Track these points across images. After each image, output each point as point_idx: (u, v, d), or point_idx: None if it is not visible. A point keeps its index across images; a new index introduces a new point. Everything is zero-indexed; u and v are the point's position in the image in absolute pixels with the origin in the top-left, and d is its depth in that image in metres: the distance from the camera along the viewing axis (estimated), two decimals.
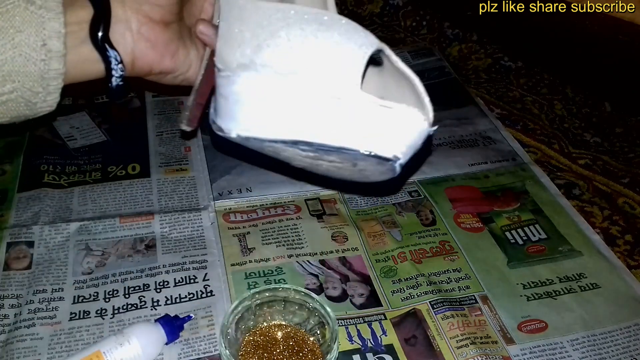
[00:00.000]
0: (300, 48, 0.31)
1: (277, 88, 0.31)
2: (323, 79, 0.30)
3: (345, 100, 0.29)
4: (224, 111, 0.34)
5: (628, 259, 0.55)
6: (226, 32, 0.34)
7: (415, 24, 0.89)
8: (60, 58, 0.36)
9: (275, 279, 0.51)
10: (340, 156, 0.31)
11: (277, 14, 0.32)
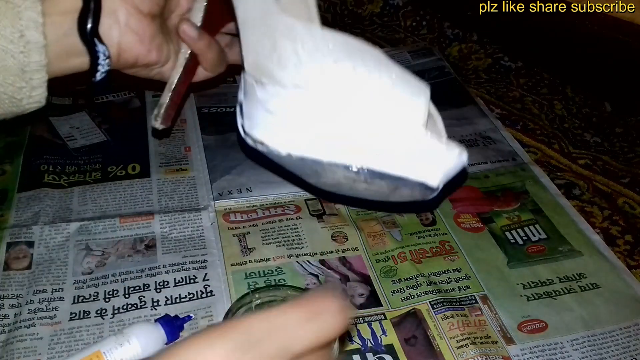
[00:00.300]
0: (368, 82, 0.32)
1: (345, 116, 0.33)
2: (392, 116, 0.32)
3: (410, 136, 0.32)
4: (269, 126, 0.35)
5: (628, 259, 0.55)
6: (272, 47, 0.34)
7: (415, 24, 0.89)
8: (40, 49, 0.35)
9: (275, 279, 0.51)
10: (391, 182, 0.34)
11: (335, 40, 0.33)
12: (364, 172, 0.33)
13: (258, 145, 0.36)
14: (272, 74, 0.34)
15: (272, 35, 0.34)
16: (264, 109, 0.35)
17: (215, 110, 0.69)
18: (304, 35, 0.34)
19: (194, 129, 0.66)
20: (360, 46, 0.33)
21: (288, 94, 0.34)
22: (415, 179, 0.33)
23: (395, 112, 0.32)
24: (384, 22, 0.90)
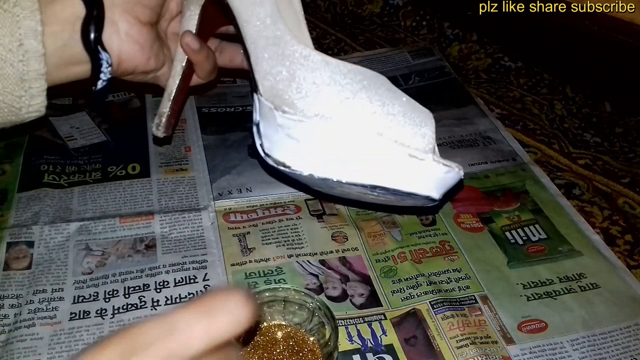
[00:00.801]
0: (383, 112, 0.37)
1: (361, 143, 0.37)
2: (406, 143, 0.37)
3: (420, 159, 0.37)
4: (291, 150, 0.38)
5: (628, 259, 0.55)
6: (289, 77, 0.37)
7: (415, 24, 0.89)
8: (39, 58, 0.35)
9: (275, 279, 0.51)
10: (400, 196, 0.38)
11: (350, 73, 0.37)
12: (378, 190, 0.38)
13: (280, 166, 0.39)
14: (293, 103, 0.37)
15: (289, 65, 0.37)
16: (285, 135, 0.38)
17: (215, 110, 0.69)
18: (320, 65, 0.37)
19: (194, 129, 0.66)
20: (370, 76, 0.37)
21: (311, 122, 0.37)
22: (422, 194, 0.38)
23: (409, 141, 0.37)
24: (384, 22, 0.90)
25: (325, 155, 0.37)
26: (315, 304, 0.44)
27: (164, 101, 0.44)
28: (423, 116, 0.38)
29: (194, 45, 0.42)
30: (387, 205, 0.44)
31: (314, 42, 0.85)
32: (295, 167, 0.38)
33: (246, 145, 0.64)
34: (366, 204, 0.44)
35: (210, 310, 0.23)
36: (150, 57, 0.41)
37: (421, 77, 0.77)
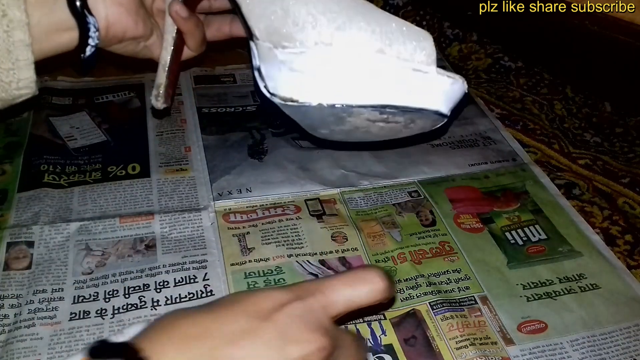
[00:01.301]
0: (382, 31, 0.38)
1: (365, 63, 0.38)
2: (409, 58, 0.38)
3: (424, 73, 0.38)
4: (297, 83, 0.38)
5: (628, 259, 0.55)
6: (284, 13, 0.38)
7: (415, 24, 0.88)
8: (23, 27, 0.34)
9: (275, 279, 0.51)
10: (410, 115, 0.39)
11: (343, 0, 0.38)
12: (388, 110, 0.38)
13: (287, 102, 0.39)
14: (292, 36, 0.38)
15: (281, 3, 0.38)
16: (288, 70, 0.38)
17: (215, 111, 0.69)
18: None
19: (194, 129, 0.66)
20: (361, 2, 0.38)
21: (312, 51, 0.38)
22: (432, 108, 0.39)
23: (411, 56, 0.38)
24: None
25: (331, 80, 0.38)
26: None
27: (159, 73, 0.45)
28: (420, 33, 0.39)
29: (182, 13, 0.42)
30: (395, 140, 0.44)
31: None
32: (304, 99, 0.39)
33: (246, 145, 0.64)
34: (374, 143, 0.44)
35: (354, 281, 0.31)
36: (137, 20, 0.41)
37: None
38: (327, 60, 0.38)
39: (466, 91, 0.40)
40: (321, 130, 0.43)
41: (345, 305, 0.31)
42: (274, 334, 0.28)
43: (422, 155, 0.65)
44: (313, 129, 0.43)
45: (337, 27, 0.38)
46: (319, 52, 0.38)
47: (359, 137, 0.43)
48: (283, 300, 0.30)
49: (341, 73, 0.38)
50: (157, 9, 0.45)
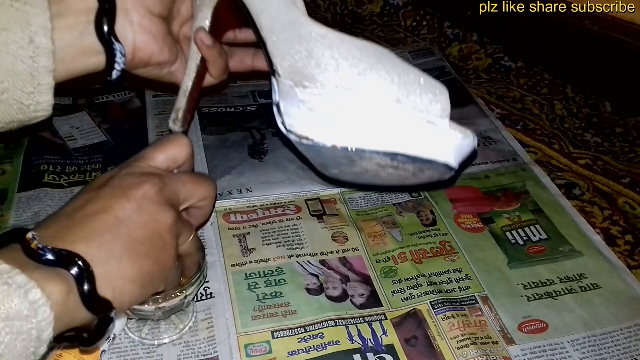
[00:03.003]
0: (400, 82, 0.39)
1: (381, 111, 0.39)
2: (424, 109, 0.39)
3: (437, 125, 0.39)
4: (314, 123, 0.40)
5: (628, 259, 0.55)
6: (308, 55, 0.39)
7: (415, 24, 0.89)
8: (48, 54, 0.36)
9: (275, 279, 0.51)
10: (420, 164, 0.40)
11: (365, 48, 0.39)
12: (399, 158, 0.39)
13: (303, 140, 0.40)
14: (313, 77, 0.39)
15: (307, 44, 0.39)
16: (307, 109, 0.40)
17: (215, 110, 0.69)
18: (337, 41, 0.39)
19: (194, 129, 0.66)
20: (383, 50, 0.40)
21: (332, 94, 0.39)
22: (441, 160, 0.39)
23: (426, 108, 0.39)
24: (384, 22, 0.90)
25: (347, 123, 0.39)
26: None
27: (179, 97, 0.46)
28: (438, 86, 0.39)
29: (207, 41, 0.43)
30: (402, 185, 0.45)
31: None
32: (318, 139, 0.40)
33: (246, 145, 0.64)
34: (381, 186, 0.45)
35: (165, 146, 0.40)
36: (163, 47, 0.42)
37: None
38: (345, 104, 0.39)
39: (476, 147, 0.41)
40: (331, 170, 0.44)
41: (167, 162, 0.40)
42: (114, 189, 0.35)
43: None
44: (324, 167, 0.44)
45: (358, 73, 0.39)
46: (339, 95, 0.39)
47: (367, 179, 0.43)
48: (114, 172, 0.37)
49: (358, 118, 0.39)
50: (184, 35, 0.46)
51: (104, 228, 0.33)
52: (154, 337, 0.45)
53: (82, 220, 0.33)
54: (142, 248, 0.34)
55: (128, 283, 0.34)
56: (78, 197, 0.36)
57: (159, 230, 0.35)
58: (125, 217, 0.34)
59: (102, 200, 0.34)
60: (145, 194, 0.35)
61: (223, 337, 0.46)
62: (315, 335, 0.46)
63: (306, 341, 0.46)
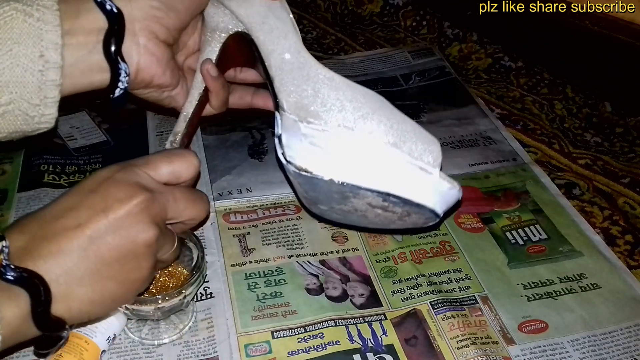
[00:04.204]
0: (399, 129, 0.42)
1: (379, 152, 0.41)
2: (418, 157, 0.41)
3: (429, 173, 0.41)
4: (314, 157, 0.42)
5: (628, 259, 0.55)
6: (314, 94, 0.42)
7: (415, 24, 0.89)
8: (57, 69, 0.37)
9: (275, 280, 0.51)
10: (408, 208, 0.42)
11: (368, 94, 0.42)
12: (391, 198, 0.41)
13: (302, 172, 0.42)
14: (318, 115, 0.42)
15: (314, 85, 0.42)
16: (309, 143, 0.42)
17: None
18: (343, 85, 0.42)
19: None
20: (385, 100, 0.43)
21: (334, 132, 0.42)
22: (429, 206, 0.42)
23: (420, 156, 0.42)
24: (384, 22, 0.90)
25: (346, 160, 0.41)
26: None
27: (179, 121, 0.47)
28: (430, 138, 0.42)
29: (213, 72, 0.45)
30: (386, 229, 0.48)
31: (314, 42, 0.85)
32: (317, 172, 0.42)
33: (246, 145, 0.64)
34: (367, 225, 0.47)
35: (172, 158, 0.39)
36: (165, 70, 0.43)
37: (421, 77, 0.77)
38: (346, 143, 0.41)
39: (460, 198, 0.43)
40: (321, 206, 0.45)
41: (169, 176, 0.38)
42: (98, 200, 0.34)
43: None
44: (315, 202, 0.45)
45: (361, 116, 0.42)
46: (341, 133, 0.41)
47: (354, 220, 0.46)
48: (110, 173, 0.37)
49: (357, 156, 0.41)
50: (188, 67, 0.48)
51: (72, 248, 0.33)
52: (153, 337, 0.45)
53: (54, 234, 0.33)
54: (109, 271, 0.34)
55: (86, 305, 0.34)
56: (65, 197, 0.35)
57: (135, 251, 0.35)
58: (98, 237, 0.33)
59: (81, 211, 0.34)
60: (130, 212, 0.34)
61: (223, 337, 0.46)
62: (315, 335, 0.46)
63: (306, 341, 0.46)
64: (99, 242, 0.33)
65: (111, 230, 0.34)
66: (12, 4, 0.36)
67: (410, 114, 0.70)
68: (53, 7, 0.37)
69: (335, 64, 0.79)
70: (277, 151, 0.44)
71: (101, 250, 0.33)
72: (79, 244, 0.33)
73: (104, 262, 0.34)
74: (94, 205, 0.34)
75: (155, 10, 0.41)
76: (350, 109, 0.42)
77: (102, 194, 0.35)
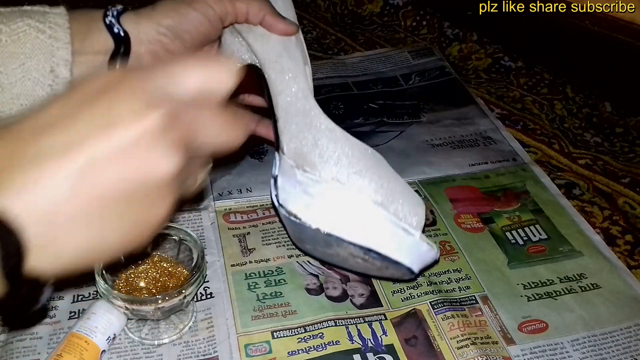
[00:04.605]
0: (388, 188, 0.43)
1: (366, 209, 0.42)
2: (402, 218, 0.43)
3: (411, 235, 0.43)
4: (305, 205, 0.43)
5: (628, 259, 0.55)
6: (314, 143, 0.43)
7: (415, 24, 0.89)
8: (66, 84, 0.38)
9: (275, 279, 0.51)
10: (387, 263, 0.43)
11: (365, 151, 0.43)
12: (372, 253, 0.42)
13: (291, 216, 0.43)
14: (315, 165, 0.43)
15: (315, 134, 0.43)
16: (302, 190, 0.43)
17: None
18: (342, 139, 0.43)
19: None
20: (380, 157, 0.44)
21: (327, 184, 0.43)
22: (406, 264, 0.43)
23: (405, 217, 0.43)
24: (384, 22, 0.90)
25: (334, 213, 0.43)
26: (181, 235, 0.47)
27: None
28: (418, 201, 0.44)
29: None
30: (365, 274, 0.50)
31: (314, 42, 0.85)
32: (305, 219, 0.43)
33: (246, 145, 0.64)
34: (349, 269, 0.49)
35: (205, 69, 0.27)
36: None
37: (421, 77, 0.77)
38: (336, 196, 0.43)
39: (437, 259, 0.45)
40: (306, 245, 0.47)
41: (196, 91, 0.27)
42: (102, 115, 0.24)
43: (423, 156, 0.65)
44: (300, 241, 0.47)
45: (355, 172, 0.43)
46: (333, 187, 0.43)
47: (336, 262, 0.47)
48: (113, 78, 0.25)
49: (344, 210, 0.43)
50: None
51: (59, 178, 0.23)
52: (153, 337, 0.45)
53: (34, 158, 0.23)
54: (111, 212, 0.24)
55: (76, 256, 0.25)
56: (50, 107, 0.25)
57: (149, 186, 0.25)
58: (97, 165, 0.23)
59: (74, 127, 0.24)
60: (144, 132, 0.24)
61: (223, 337, 0.46)
62: (315, 335, 0.46)
63: (306, 341, 0.46)
64: (99, 172, 0.24)
65: (116, 155, 0.24)
66: (26, 20, 0.37)
67: (410, 114, 0.71)
68: (65, 26, 0.38)
69: (335, 64, 0.79)
70: (271, 192, 0.45)
71: (102, 184, 0.24)
72: (70, 172, 0.23)
73: (104, 199, 0.24)
74: (93, 119, 0.24)
75: (162, 36, 0.42)
76: (345, 163, 0.43)
77: (105, 105, 0.24)
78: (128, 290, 0.44)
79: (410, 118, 0.70)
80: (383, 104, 0.72)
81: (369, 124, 0.69)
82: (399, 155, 0.64)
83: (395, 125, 0.69)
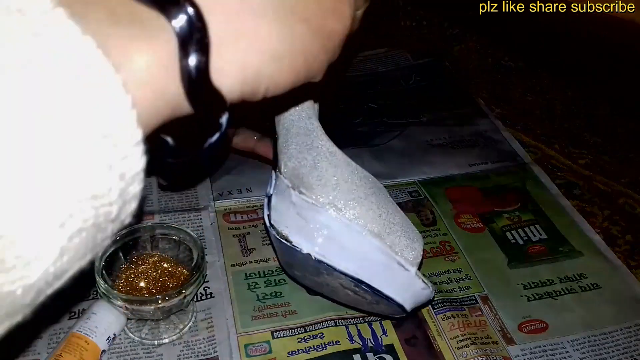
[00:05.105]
0: (386, 219, 0.41)
1: (361, 240, 0.40)
2: (398, 251, 0.41)
3: (406, 270, 0.41)
4: (298, 228, 0.41)
5: (628, 259, 0.55)
6: (313, 165, 0.41)
7: (415, 24, 0.89)
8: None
9: (275, 279, 0.51)
10: (379, 298, 0.41)
11: (365, 178, 0.41)
12: (363, 286, 0.40)
13: (282, 238, 0.42)
14: (312, 188, 0.41)
15: (315, 156, 0.41)
16: (296, 213, 0.41)
17: None
18: (343, 163, 0.41)
19: None
20: (380, 186, 0.42)
21: (323, 209, 0.41)
22: (398, 301, 0.41)
23: (401, 251, 0.41)
24: (384, 22, 0.90)
25: (327, 240, 0.41)
26: (181, 235, 0.47)
27: None
28: (416, 234, 0.42)
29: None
30: (356, 308, 0.48)
31: None
32: (297, 243, 0.41)
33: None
34: (338, 300, 0.47)
35: None
36: None
37: (421, 77, 0.77)
38: (331, 222, 0.41)
39: (431, 299, 0.43)
40: (295, 271, 0.45)
41: None
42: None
43: (423, 156, 0.65)
44: (290, 267, 0.45)
45: (353, 199, 0.41)
46: (328, 212, 0.40)
47: (325, 292, 0.46)
48: None
49: (338, 238, 0.41)
50: None
51: None
52: (153, 337, 0.45)
53: None
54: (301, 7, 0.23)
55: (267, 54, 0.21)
56: None
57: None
58: None
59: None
60: None
61: (223, 337, 0.46)
62: (315, 335, 0.46)
63: (306, 341, 0.46)
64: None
65: None
66: None
67: (410, 114, 0.71)
68: None
69: None
70: (264, 211, 0.44)
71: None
72: None
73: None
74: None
75: None
76: (344, 189, 0.41)
77: None
78: (128, 290, 0.44)
79: (410, 118, 0.70)
80: (383, 104, 0.72)
81: (369, 124, 0.69)
82: (398, 155, 0.64)
83: (395, 125, 0.69)
